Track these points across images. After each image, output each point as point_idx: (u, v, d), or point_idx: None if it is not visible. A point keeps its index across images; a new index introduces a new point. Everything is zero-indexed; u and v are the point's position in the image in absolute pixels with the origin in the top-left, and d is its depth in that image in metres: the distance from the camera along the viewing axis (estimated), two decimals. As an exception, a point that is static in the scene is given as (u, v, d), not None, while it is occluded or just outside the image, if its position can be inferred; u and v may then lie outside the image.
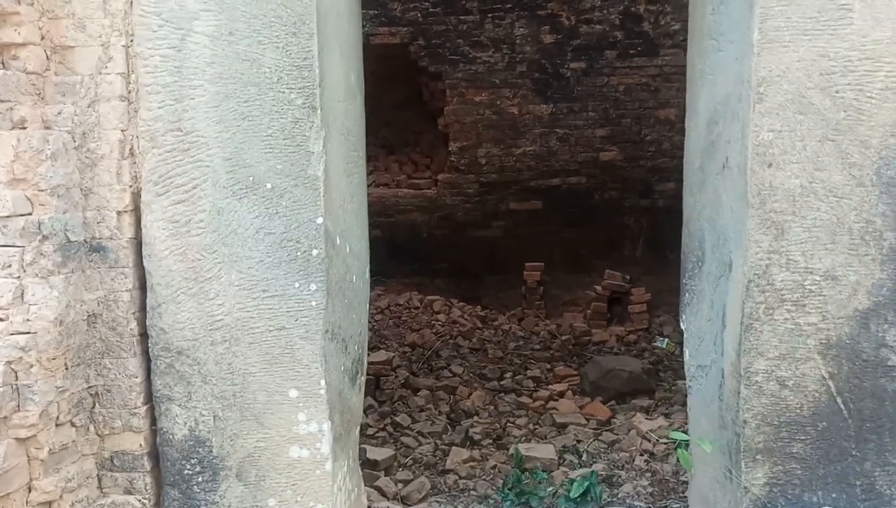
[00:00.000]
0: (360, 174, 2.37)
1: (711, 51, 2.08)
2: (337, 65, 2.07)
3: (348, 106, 2.20)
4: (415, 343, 5.49)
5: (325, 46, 1.96)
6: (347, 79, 2.19)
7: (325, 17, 1.96)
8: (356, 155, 2.30)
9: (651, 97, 6.04)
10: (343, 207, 2.13)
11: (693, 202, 2.28)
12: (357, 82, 2.34)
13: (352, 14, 2.26)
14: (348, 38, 2.21)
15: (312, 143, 1.92)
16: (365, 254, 2.45)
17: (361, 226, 2.38)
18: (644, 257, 6.21)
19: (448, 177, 6.31)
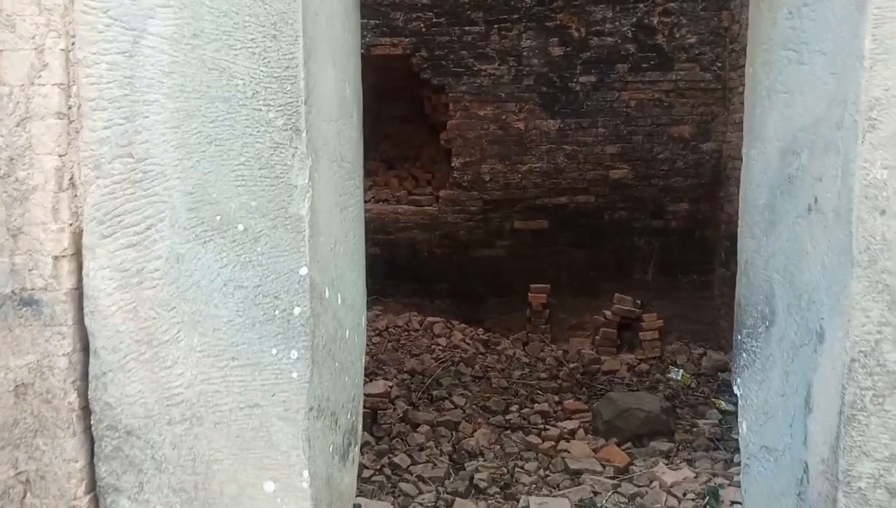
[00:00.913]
0: (357, 206, 2.00)
1: (788, 63, 1.73)
2: (328, 76, 1.70)
3: (342, 126, 1.83)
4: (414, 370, 5.11)
5: (314, 53, 1.59)
6: (342, 93, 1.82)
7: (313, 17, 1.59)
8: (352, 184, 1.93)
9: (664, 113, 5.71)
10: (334, 250, 1.75)
11: (756, 246, 1.92)
12: (353, 97, 1.97)
13: (348, 16, 1.90)
14: (343, 44, 1.84)
15: (296, 174, 1.54)
16: (361, 302, 2.07)
17: (357, 269, 2.00)
18: (655, 281, 5.85)
19: (450, 194, 5.95)
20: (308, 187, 1.56)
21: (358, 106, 2.05)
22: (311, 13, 1.58)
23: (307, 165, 1.56)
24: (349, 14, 1.92)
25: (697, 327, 5.82)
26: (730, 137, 5.58)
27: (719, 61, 5.62)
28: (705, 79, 5.65)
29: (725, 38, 5.59)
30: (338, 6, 1.78)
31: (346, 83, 1.88)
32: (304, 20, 1.53)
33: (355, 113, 2.01)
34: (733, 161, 5.51)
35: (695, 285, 5.81)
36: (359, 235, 2.03)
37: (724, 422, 4.26)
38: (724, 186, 5.69)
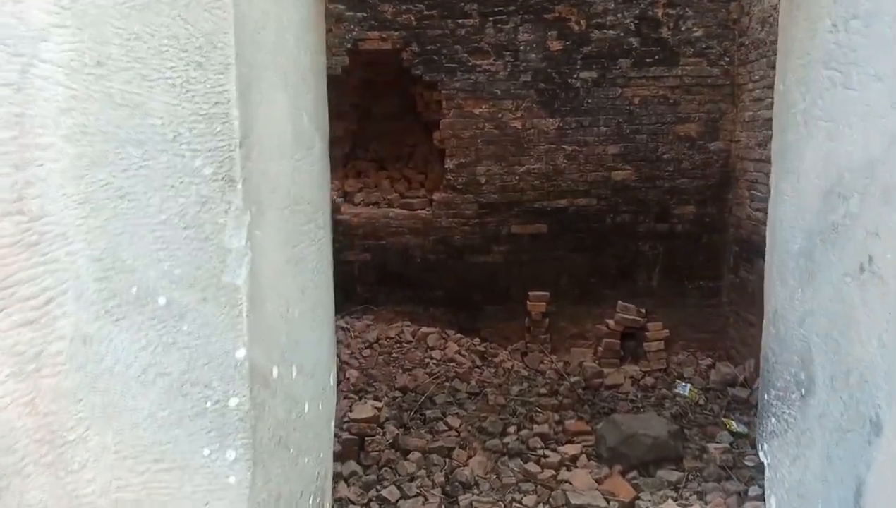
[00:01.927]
0: (319, 252, 1.70)
1: (832, 86, 1.43)
2: (278, 105, 1.39)
3: (299, 161, 1.53)
4: (406, 387, 4.84)
5: (256, 81, 1.29)
6: (297, 122, 1.52)
7: (253, 37, 1.28)
8: (311, 228, 1.63)
9: (669, 111, 5.38)
10: (287, 316, 1.46)
11: (788, 297, 1.63)
12: (315, 124, 1.67)
13: (306, 29, 1.59)
14: (299, 64, 1.53)
15: (230, 235, 1.25)
16: (327, 360, 1.79)
17: (319, 326, 1.71)
18: (660, 287, 5.57)
19: (444, 197, 5.64)
20: (246, 249, 1.26)
21: (321, 133, 1.75)
22: (250, 32, 1.27)
23: (244, 222, 1.26)
24: (308, 27, 1.60)
25: (705, 336, 5.54)
26: (739, 136, 5.26)
27: (727, 56, 5.28)
28: (713, 74, 5.31)
29: (734, 31, 5.25)
30: (291, 18, 1.47)
31: (304, 110, 1.58)
32: (238, 42, 1.23)
33: (318, 142, 1.71)
34: (742, 161, 5.19)
35: (702, 292, 5.53)
36: (322, 284, 1.74)
37: (736, 446, 4.00)
38: (732, 188, 5.38)
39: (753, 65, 4.92)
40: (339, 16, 5.47)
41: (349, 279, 5.75)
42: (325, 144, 1.79)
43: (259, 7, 1.29)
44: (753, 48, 4.92)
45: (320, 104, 1.75)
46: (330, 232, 1.85)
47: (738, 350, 5.29)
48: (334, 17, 5.46)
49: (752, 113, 4.96)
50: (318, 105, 1.73)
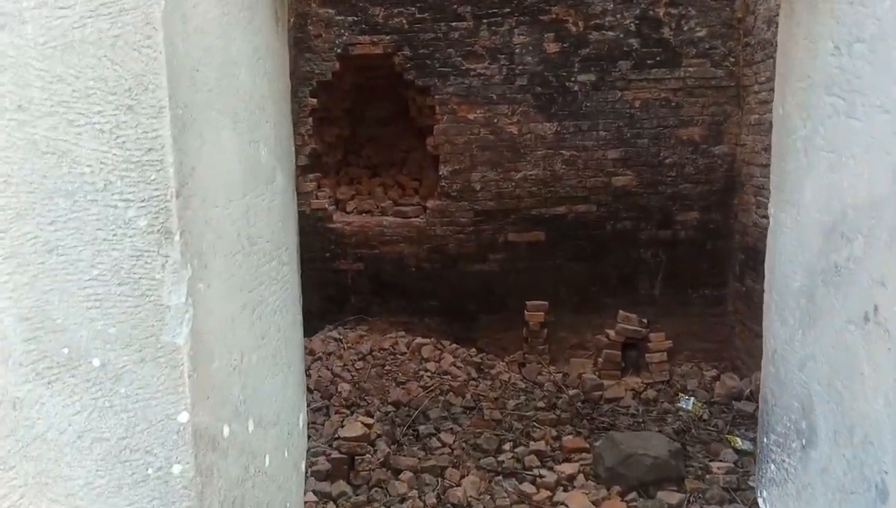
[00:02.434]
0: (284, 290, 1.59)
1: (834, 114, 1.30)
2: (225, 146, 1.28)
3: (256, 199, 1.42)
4: (399, 401, 4.73)
5: (195, 122, 1.17)
6: (252, 159, 1.41)
7: (192, 74, 1.17)
8: (273, 266, 1.52)
9: (671, 114, 5.24)
10: (241, 367, 1.35)
11: (788, 337, 1.51)
12: (276, 156, 1.56)
13: (260, 55, 1.47)
14: (254, 96, 1.42)
15: (168, 291, 1.14)
16: (294, 403, 1.68)
17: (284, 368, 1.60)
18: (663, 296, 5.44)
19: (438, 205, 5.53)
20: (187, 306, 1.16)
21: (284, 163, 1.64)
22: (188, 71, 1.16)
23: (184, 277, 1.15)
24: (265, 53, 1.49)
25: (709, 346, 5.41)
26: (744, 140, 5.11)
27: (732, 56, 5.13)
28: (717, 76, 5.16)
29: (739, 31, 5.09)
30: (242, 49, 1.36)
31: (262, 143, 1.46)
32: (172, 83, 1.11)
33: (280, 174, 1.60)
34: (748, 166, 5.05)
35: (706, 301, 5.39)
36: (287, 323, 1.63)
37: (741, 465, 3.87)
38: (737, 193, 5.24)
39: (759, 66, 4.77)
40: (328, 20, 5.35)
41: (342, 289, 5.66)
42: (288, 174, 1.68)
43: (198, 44, 1.18)
44: (759, 48, 4.77)
45: (283, 131, 1.64)
46: (297, 266, 1.75)
47: (743, 361, 5.15)
48: (324, 21, 5.35)
49: (759, 116, 4.81)
50: (281, 133, 1.62)
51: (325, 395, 4.77)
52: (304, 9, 5.35)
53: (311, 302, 5.87)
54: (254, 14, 1.41)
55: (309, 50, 5.41)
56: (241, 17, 1.34)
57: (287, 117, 1.69)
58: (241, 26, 1.34)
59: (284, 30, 1.67)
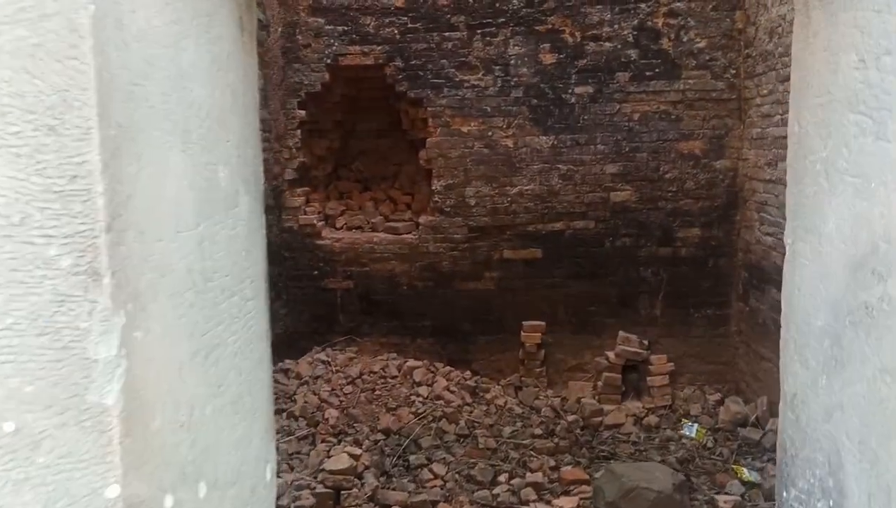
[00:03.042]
0: (248, 329, 1.41)
1: (861, 135, 1.14)
2: (172, 170, 1.10)
3: (212, 228, 1.24)
4: (389, 428, 4.53)
5: (133, 144, 1.00)
6: (208, 183, 1.23)
7: (129, 89, 1.00)
8: (234, 302, 1.34)
9: (671, 127, 5.10)
10: (190, 423, 1.16)
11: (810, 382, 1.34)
12: (238, 176, 1.38)
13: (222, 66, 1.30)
14: (212, 110, 1.25)
15: (95, 342, 0.96)
16: (259, 455, 1.49)
17: (247, 418, 1.41)
18: (664, 316, 5.26)
19: (431, 220, 5.36)
20: (118, 359, 0.98)
21: (251, 184, 1.47)
22: (124, 85, 0.98)
23: (115, 326, 0.97)
24: (229, 63, 1.32)
25: (712, 368, 5.23)
26: (746, 154, 4.97)
27: (733, 68, 5.00)
28: (717, 88, 5.03)
29: (739, 42, 4.97)
30: (197, 59, 1.19)
31: (221, 164, 1.29)
32: (104, 99, 0.93)
33: (244, 197, 1.42)
34: (751, 181, 4.90)
35: (709, 321, 5.22)
36: (251, 366, 1.45)
37: (748, 498, 3.67)
38: (740, 209, 5.09)
39: (761, 78, 4.63)
40: (317, 30, 5.21)
41: (331, 308, 5.47)
42: (255, 197, 1.50)
43: (138, 54, 1.00)
44: (761, 60, 4.64)
45: (249, 150, 1.47)
46: (264, 298, 1.57)
47: (748, 384, 4.97)
48: (313, 31, 5.21)
49: (761, 129, 4.67)
50: (246, 152, 1.45)
51: (311, 422, 4.56)
52: (292, 18, 5.22)
53: (298, 323, 5.69)
54: (212, 21, 1.24)
55: (297, 60, 5.26)
56: (195, 24, 1.18)
57: (255, 134, 1.53)
58: (195, 34, 1.18)
59: (252, 39, 1.50)
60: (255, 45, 1.51)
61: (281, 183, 5.36)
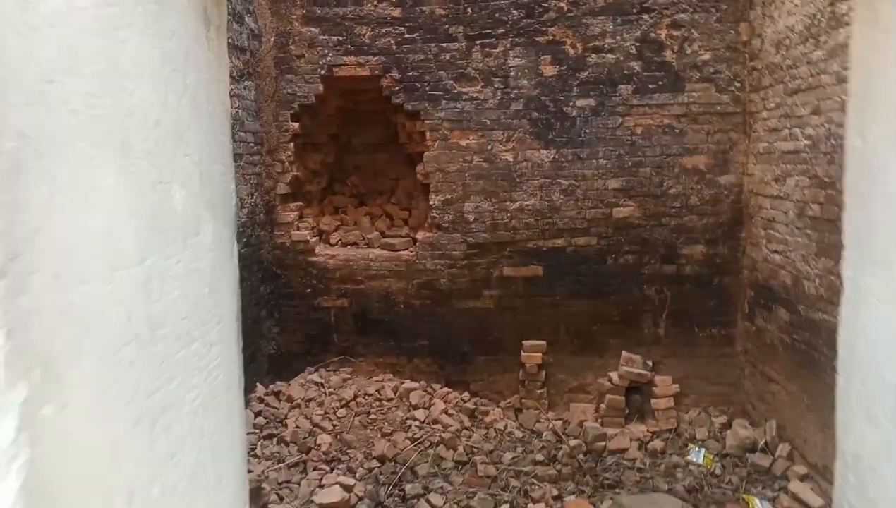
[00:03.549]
0: (211, 381, 1.19)
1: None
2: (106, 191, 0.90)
3: (165, 261, 1.04)
4: (384, 455, 4.29)
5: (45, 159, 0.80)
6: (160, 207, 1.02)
7: (41, 86, 0.79)
8: (194, 350, 1.13)
9: (675, 141, 4.92)
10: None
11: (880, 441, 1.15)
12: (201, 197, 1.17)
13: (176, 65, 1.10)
14: (162, 121, 1.04)
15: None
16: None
17: (209, 490, 1.19)
18: (668, 335, 5.05)
19: (429, 237, 5.15)
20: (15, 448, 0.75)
21: (217, 211, 1.25)
22: (30, 81, 0.77)
23: (12, 402, 0.74)
24: (186, 64, 1.11)
25: (718, 389, 5.01)
26: (752, 169, 4.79)
27: (738, 81, 4.83)
28: (722, 101, 4.86)
29: (745, 55, 4.81)
30: (140, 55, 0.98)
31: (176, 185, 1.08)
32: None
33: (209, 225, 1.21)
34: (757, 197, 4.72)
35: (714, 340, 5.01)
36: (216, 427, 1.22)
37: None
38: (745, 225, 4.90)
39: (768, 91, 4.46)
40: (311, 40, 5.03)
41: (324, 328, 5.24)
42: (224, 222, 1.29)
43: (51, 43, 0.80)
44: (767, 73, 4.47)
45: (215, 166, 1.25)
46: (235, 341, 1.34)
47: (754, 406, 4.75)
48: (306, 41, 5.02)
49: (768, 144, 4.49)
50: (212, 169, 1.24)
51: (303, 448, 4.32)
52: (285, 27, 5.03)
53: (290, 342, 5.45)
54: (163, 10, 1.04)
55: (290, 71, 5.07)
56: (139, 11, 0.97)
57: (223, 148, 1.31)
58: (139, 24, 0.97)
59: (220, 35, 1.30)
60: (225, 42, 1.30)
61: (273, 197, 5.14)
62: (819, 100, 3.77)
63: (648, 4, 4.82)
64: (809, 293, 3.93)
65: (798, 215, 4.08)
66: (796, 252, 4.10)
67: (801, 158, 4.03)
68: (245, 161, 4.68)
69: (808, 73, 3.87)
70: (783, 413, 4.30)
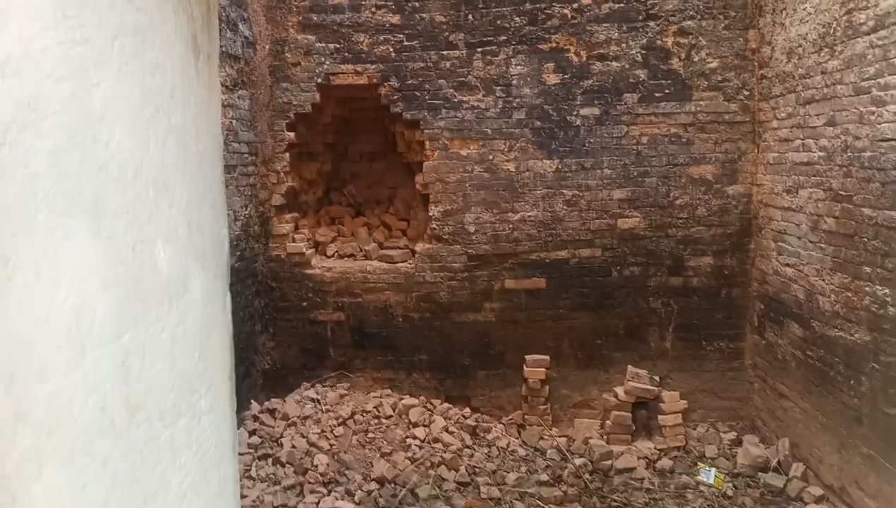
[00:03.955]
0: (197, 463, 1.05)
1: None
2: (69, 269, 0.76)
3: (148, 330, 0.90)
4: (384, 477, 4.15)
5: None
6: (141, 270, 0.89)
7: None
8: (177, 431, 0.99)
9: (682, 151, 4.80)
10: None
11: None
12: (189, 251, 1.03)
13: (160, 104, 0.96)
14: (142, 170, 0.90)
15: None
16: None
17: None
18: (675, 349, 4.93)
19: (428, 248, 5.01)
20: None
21: (207, 262, 1.12)
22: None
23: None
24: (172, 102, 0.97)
25: (727, 404, 4.89)
26: (761, 179, 4.67)
27: (746, 89, 4.72)
28: (730, 110, 4.74)
29: (753, 62, 4.69)
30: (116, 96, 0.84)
31: (160, 242, 0.94)
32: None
33: (198, 280, 1.07)
34: (766, 208, 4.60)
35: (722, 354, 4.89)
36: (204, 504, 1.09)
37: (778, 560, 3.34)
38: (755, 237, 4.78)
39: (778, 100, 4.35)
40: (307, 47, 4.88)
41: (321, 342, 5.10)
42: (215, 272, 1.15)
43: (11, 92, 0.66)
44: (778, 81, 4.36)
45: (205, 212, 1.12)
46: (228, 402, 1.21)
47: (765, 422, 4.64)
48: (303, 48, 4.88)
49: (778, 154, 4.38)
50: (202, 215, 1.10)
51: (299, 470, 4.17)
52: (280, 35, 4.89)
53: (285, 358, 5.31)
54: (145, 41, 0.90)
55: (286, 79, 4.93)
56: (115, 46, 0.83)
57: (215, 189, 1.18)
58: (115, 61, 0.83)
59: (211, 65, 1.16)
60: (216, 72, 1.17)
61: (268, 209, 5.00)
62: (835, 112, 3.66)
63: (654, 11, 4.70)
64: (824, 309, 3.81)
65: (811, 228, 3.96)
66: (809, 266, 3.99)
67: (814, 170, 3.92)
68: (239, 172, 4.54)
69: (823, 83, 3.76)
70: (796, 430, 4.19)
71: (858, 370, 3.52)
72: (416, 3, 4.80)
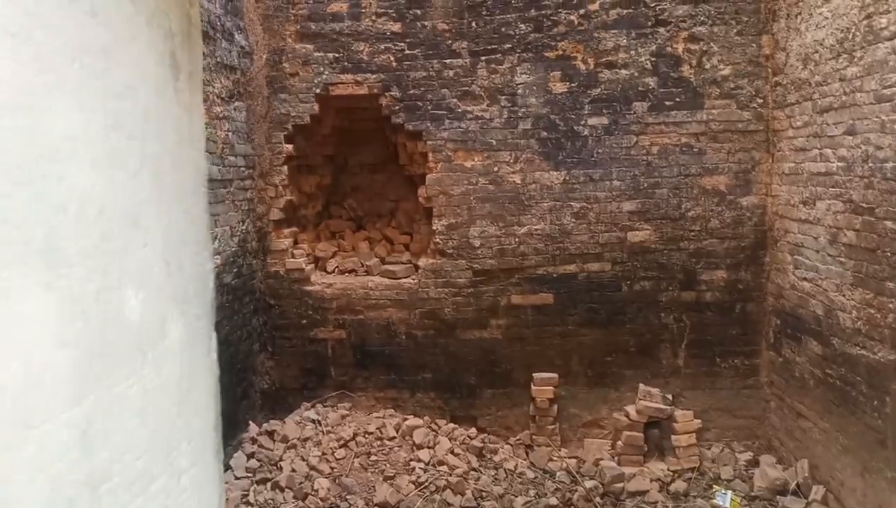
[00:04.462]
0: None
1: None
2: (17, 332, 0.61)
3: (113, 389, 0.76)
4: (387, 502, 4.00)
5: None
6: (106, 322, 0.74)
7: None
8: (149, 496, 0.84)
9: (694, 161, 4.67)
10: None
11: None
12: (160, 298, 0.90)
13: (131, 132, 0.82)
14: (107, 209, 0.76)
15: None
16: None
17: None
18: (687, 366, 4.77)
19: (432, 263, 4.87)
20: None
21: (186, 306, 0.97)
22: None
23: None
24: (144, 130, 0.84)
25: (742, 423, 4.73)
26: (777, 190, 4.53)
27: (760, 97, 4.59)
28: (743, 119, 4.61)
29: (767, 69, 4.57)
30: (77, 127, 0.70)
31: (132, 288, 0.80)
32: None
33: (175, 327, 0.92)
34: (782, 219, 4.46)
35: (737, 371, 4.73)
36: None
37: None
38: (770, 250, 4.64)
39: (794, 108, 4.22)
40: (306, 57, 4.77)
41: (321, 361, 4.95)
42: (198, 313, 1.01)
43: None
44: (793, 89, 4.22)
45: (186, 250, 0.98)
46: (213, 454, 1.06)
47: (781, 441, 4.47)
48: (301, 58, 4.76)
49: (794, 164, 4.24)
50: (181, 254, 0.96)
51: (299, 495, 4.02)
52: (278, 44, 4.77)
53: (284, 377, 5.15)
54: (111, 61, 0.76)
55: (284, 90, 4.81)
56: (74, 68, 0.70)
57: (198, 222, 1.04)
58: (72, 84, 0.70)
59: (193, 83, 1.02)
60: (200, 91, 1.03)
61: (266, 224, 4.87)
62: (854, 120, 3.52)
63: (664, 17, 4.58)
64: (845, 325, 3.66)
65: (830, 241, 3.82)
66: (829, 280, 3.84)
67: (833, 181, 3.78)
68: (236, 186, 4.41)
69: (841, 91, 3.63)
70: (815, 451, 4.02)
71: (882, 390, 3.36)
72: (417, 11, 4.69)
